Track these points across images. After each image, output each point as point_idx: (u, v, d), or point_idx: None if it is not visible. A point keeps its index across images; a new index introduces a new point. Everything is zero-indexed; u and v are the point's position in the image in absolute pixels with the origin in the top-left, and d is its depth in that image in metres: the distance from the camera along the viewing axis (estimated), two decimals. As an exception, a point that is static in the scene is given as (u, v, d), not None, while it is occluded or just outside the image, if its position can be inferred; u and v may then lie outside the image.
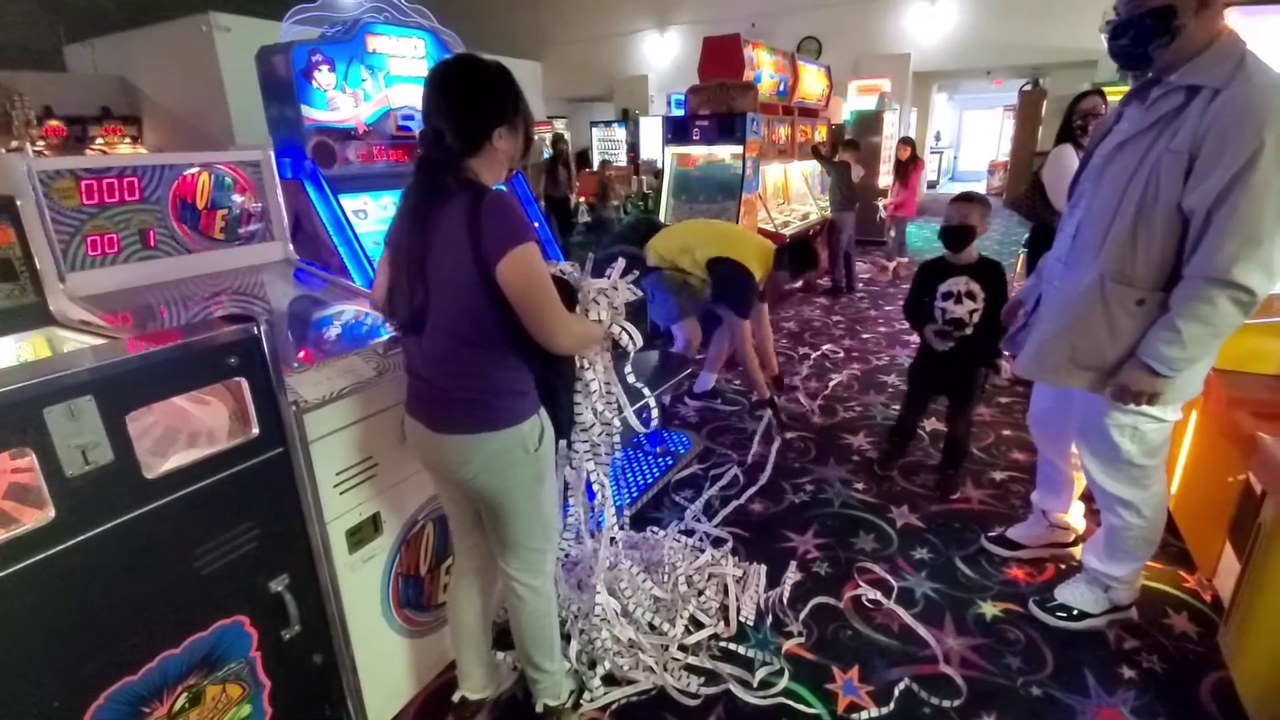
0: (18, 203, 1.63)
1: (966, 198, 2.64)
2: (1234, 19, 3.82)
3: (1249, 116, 1.37)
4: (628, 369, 1.64)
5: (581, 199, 10.42)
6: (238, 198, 2.10)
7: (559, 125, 13.45)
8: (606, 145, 12.63)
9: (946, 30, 11.00)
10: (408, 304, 1.32)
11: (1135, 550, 1.92)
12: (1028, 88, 11.20)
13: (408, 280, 1.31)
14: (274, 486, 1.32)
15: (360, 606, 1.57)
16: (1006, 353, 2.05)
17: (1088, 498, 2.18)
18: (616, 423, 1.64)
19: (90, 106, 9.60)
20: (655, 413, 1.74)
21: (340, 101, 2.53)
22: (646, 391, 1.68)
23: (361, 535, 1.55)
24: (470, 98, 1.29)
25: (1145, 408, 1.66)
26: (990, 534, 2.45)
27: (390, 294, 1.35)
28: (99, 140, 9.44)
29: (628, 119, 12.70)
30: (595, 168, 12.19)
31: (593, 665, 1.85)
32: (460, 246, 1.24)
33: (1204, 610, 2.08)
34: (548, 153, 9.68)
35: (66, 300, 1.68)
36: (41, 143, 8.57)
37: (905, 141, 6.79)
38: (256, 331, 1.23)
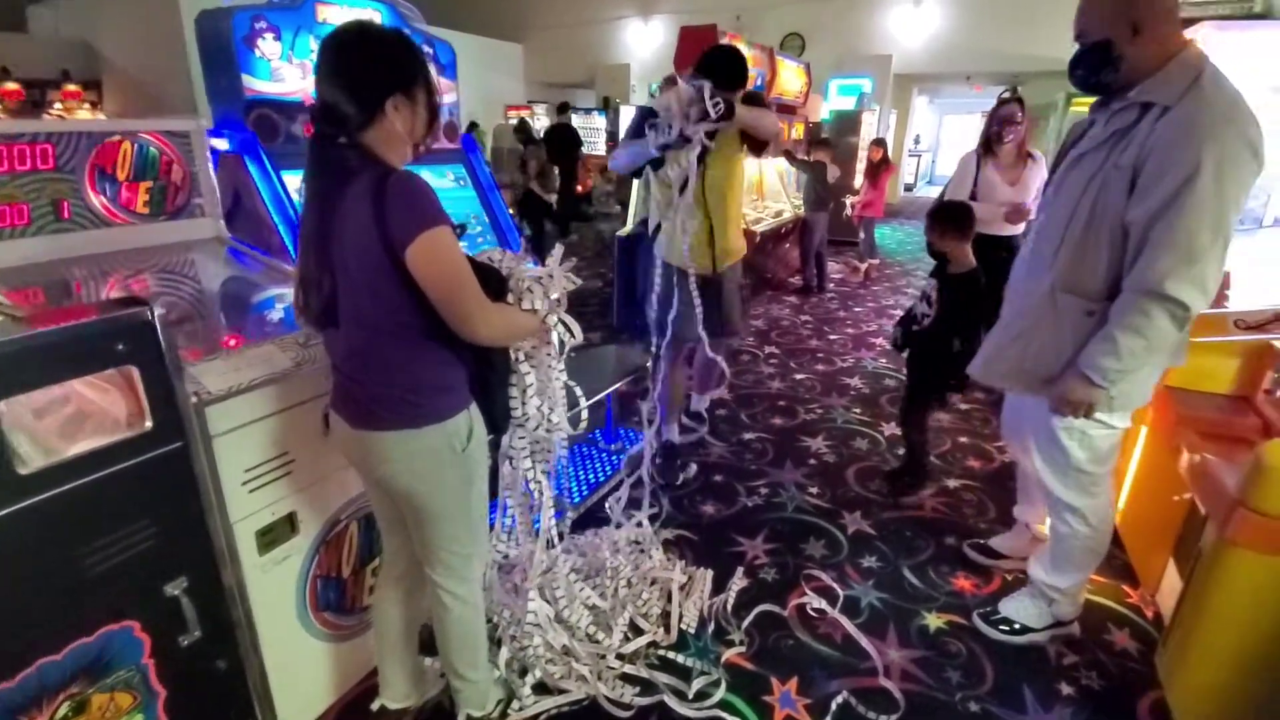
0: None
1: (936, 215, 2.51)
2: (1206, 32, 3.85)
3: (1191, 135, 1.39)
4: (560, 366, 1.56)
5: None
6: (177, 170, 1.98)
7: (539, 110, 13.25)
8: (586, 133, 12.45)
9: (929, 34, 11.02)
10: (317, 294, 1.23)
11: (1080, 560, 1.91)
12: (1006, 94, 11.27)
13: (315, 268, 1.22)
14: (171, 484, 1.23)
15: (272, 610, 1.48)
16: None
17: None
18: (555, 419, 1.56)
19: (50, 70, 9.22)
20: (585, 415, 1.67)
21: (286, 73, 2.40)
22: (579, 393, 1.61)
23: (274, 535, 1.46)
24: (362, 63, 1.18)
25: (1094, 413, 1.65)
26: (970, 541, 2.42)
27: (301, 285, 1.26)
28: (57, 105, 9.07)
29: (608, 107, 12.53)
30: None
31: (524, 673, 1.78)
32: (366, 230, 1.14)
33: (1146, 627, 2.08)
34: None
35: (-35, 274, 1.56)
36: (-3, 105, 8.22)
37: (878, 143, 6.78)
38: (150, 316, 1.14)
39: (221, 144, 2.34)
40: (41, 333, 1.04)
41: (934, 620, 2.10)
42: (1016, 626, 2.01)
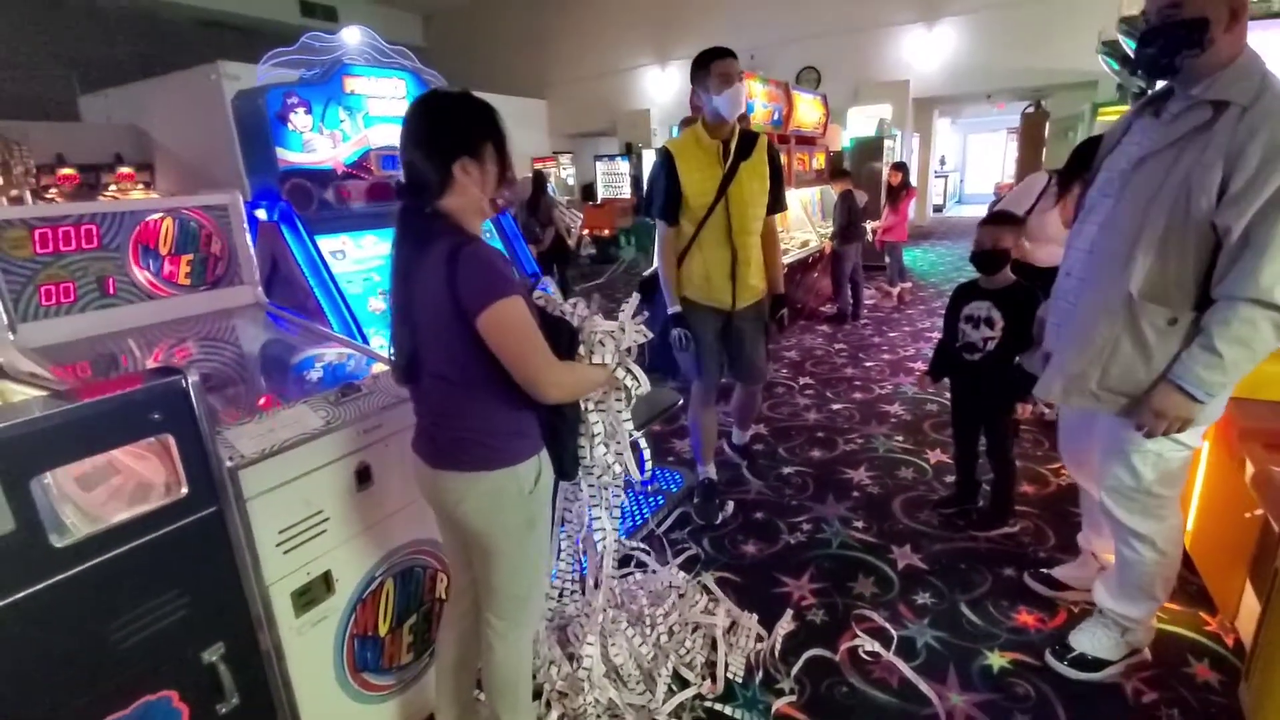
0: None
1: (996, 219, 2.52)
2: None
3: None
4: (626, 415, 1.56)
5: (585, 232, 10.44)
6: (216, 242, 2.07)
7: (564, 160, 13.59)
8: (610, 179, 12.71)
9: (945, 56, 11.05)
10: (401, 351, 1.35)
11: (1152, 589, 1.80)
12: (1030, 110, 11.17)
13: (398, 327, 1.34)
14: (207, 549, 1.24)
15: (310, 673, 1.47)
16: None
17: None
18: (618, 468, 1.57)
19: (104, 154, 9.82)
20: (648, 455, 1.69)
21: (317, 143, 2.51)
22: (642, 442, 1.62)
23: (311, 596, 1.46)
24: (431, 129, 1.27)
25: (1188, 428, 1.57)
26: (1032, 571, 2.30)
27: (392, 344, 1.38)
28: (112, 186, 9.63)
29: (631, 152, 12.81)
30: (600, 201, 12.23)
31: (569, 729, 1.73)
32: (440, 297, 1.22)
33: (1227, 656, 1.93)
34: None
35: (16, 353, 1.63)
36: (54, 190, 8.76)
37: (898, 167, 6.74)
38: (184, 384, 1.17)
39: (260, 214, 2.44)
40: (79, 405, 1.07)
41: (997, 659, 1.98)
42: (1090, 660, 1.88)
